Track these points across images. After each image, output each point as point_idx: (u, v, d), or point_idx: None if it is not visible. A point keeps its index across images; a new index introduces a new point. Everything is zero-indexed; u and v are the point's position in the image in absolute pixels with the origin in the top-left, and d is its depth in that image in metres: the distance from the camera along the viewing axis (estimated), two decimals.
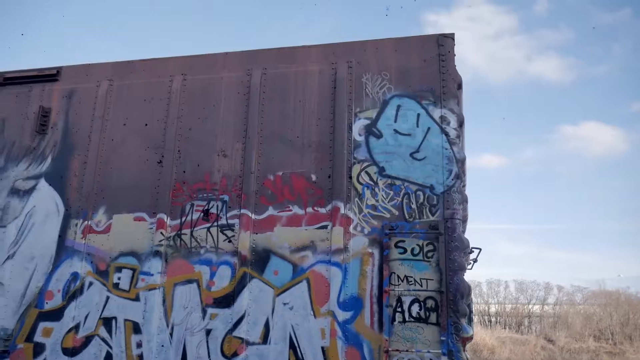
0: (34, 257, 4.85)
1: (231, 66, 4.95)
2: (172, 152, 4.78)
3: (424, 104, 4.44)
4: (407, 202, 4.25)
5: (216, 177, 4.64)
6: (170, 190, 4.68)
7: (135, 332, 4.44)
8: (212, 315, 4.33)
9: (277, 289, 4.28)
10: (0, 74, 5.53)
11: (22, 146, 5.20)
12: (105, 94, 5.14)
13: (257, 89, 4.79)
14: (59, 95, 5.29)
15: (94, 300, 4.59)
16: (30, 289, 4.77)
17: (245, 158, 4.61)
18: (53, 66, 5.40)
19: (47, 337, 4.62)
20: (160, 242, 4.56)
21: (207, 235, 4.52)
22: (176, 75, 5.03)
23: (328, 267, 4.23)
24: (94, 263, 4.69)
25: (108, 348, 4.45)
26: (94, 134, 5.03)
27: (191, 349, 4.30)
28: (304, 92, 4.71)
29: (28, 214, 4.98)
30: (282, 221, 4.41)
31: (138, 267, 4.58)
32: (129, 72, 5.20)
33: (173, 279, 4.48)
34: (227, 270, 4.40)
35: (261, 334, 4.22)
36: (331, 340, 4.09)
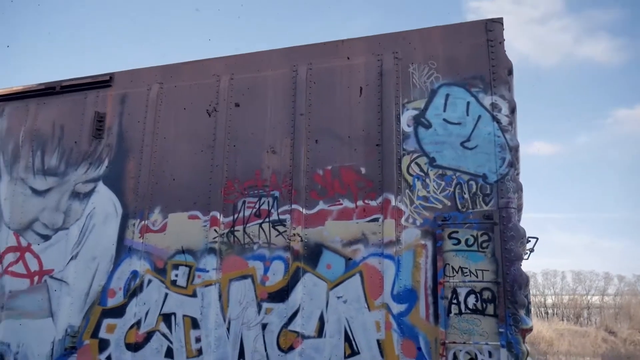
0: (96, 257, 5.04)
1: (277, 63, 4.99)
2: (222, 151, 4.86)
3: (473, 92, 4.35)
4: (460, 192, 4.18)
5: (266, 174, 4.70)
6: (222, 188, 4.76)
7: (194, 327, 4.55)
8: (267, 310, 4.39)
9: (331, 283, 4.29)
10: (57, 83, 5.77)
11: (80, 151, 5.41)
12: (156, 97, 5.28)
13: (303, 84, 4.81)
14: (113, 100, 5.47)
15: (153, 297, 4.74)
16: (93, 288, 4.97)
17: (294, 154, 4.65)
18: (106, 72, 5.59)
19: (111, 333, 4.80)
20: (214, 239, 4.66)
21: (260, 231, 4.58)
22: (223, 75, 5.11)
23: (381, 259, 4.21)
24: (152, 261, 4.83)
25: (169, 343, 4.59)
26: (147, 136, 5.18)
27: (248, 343, 4.37)
28: (350, 86, 4.70)
29: (88, 215, 5.18)
30: (333, 215, 4.42)
31: (194, 264, 4.69)
32: (177, 74, 5.32)
33: (228, 274, 4.57)
34: (280, 265, 4.45)
35: (316, 328, 4.25)
36: (386, 332, 4.07)
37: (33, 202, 5.46)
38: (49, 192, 5.41)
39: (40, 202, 5.42)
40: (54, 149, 5.53)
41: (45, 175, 5.48)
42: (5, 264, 5.39)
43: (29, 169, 5.58)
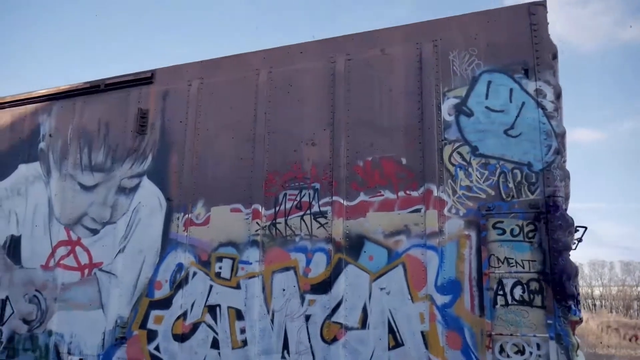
0: (142, 250, 5.17)
1: (314, 55, 4.98)
2: (262, 144, 4.90)
3: (516, 78, 4.24)
4: (504, 181, 4.10)
5: (306, 166, 4.71)
6: (263, 181, 4.80)
7: (239, 318, 4.62)
8: (311, 302, 4.41)
9: (373, 274, 4.28)
10: (101, 81, 5.92)
11: (125, 147, 5.55)
12: (197, 92, 5.35)
13: (341, 76, 4.79)
14: (155, 96, 5.58)
15: (198, 289, 4.83)
16: (140, 280, 5.10)
17: (334, 145, 4.64)
18: (148, 69, 5.70)
19: (159, 324, 4.92)
20: (256, 232, 4.71)
21: (301, 223, 4.60)
22: (262, 68, 5.14)
23: (423, 250, 4.17)
24: (196, 254, 4.92)
25: (214, 334, 4.68)
26: (189, 131, 5.26)
27: (292, 334, 4.41)
28: (389, 75, 4.65)
29: (134, 210, 5.32)
30: (374, 206, 4.40)
31: (237, 256, 4.75)
32: (217, 69, 5.38)
33: (271, 266, 4.61)
34: (322, 257, 4.47)
35: (359, 319, 4.25)
36: (431, 324, 4.04)
37: (81, 197, 5.64)
38: (97, 188, 5.57)
39: (89, 197, 5.59)
40: (100, 146, 5.69)
41: (93, 171, 5.64)
42: (57, 258, 5.59)
43: (77, 166, 5.76)
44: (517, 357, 3.82)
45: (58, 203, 5.76)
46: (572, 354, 3.68)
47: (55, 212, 5.74)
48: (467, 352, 3.96)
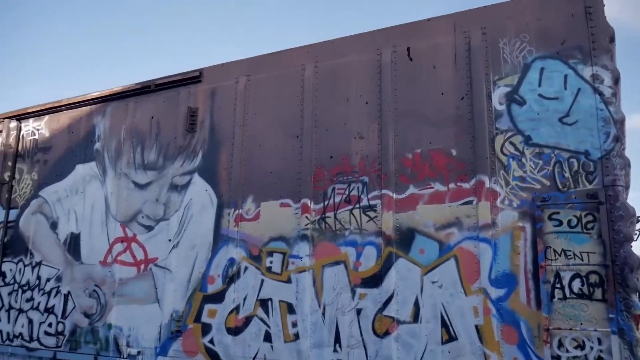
0: (195, 246, 5.29)
1: (360, 48, 4.95)
2: (310, 139, 4.91)
3: (571, 64, 4.09)
4: (559, 171, 3.96)
5: (354, 160, 4.69)
6: (311, 175, 4.82)
7: (290, 312, 4.66)
8: (361, 295, 4.41)
9: (424, 268, 4.23)
10: (152, 81, 6.07)
11: (175, 145, 5.68)
12: (244, 89, 5.42)
13: (388, 67, 4.75)
14: (203, 95, 5.68)
15: (250, 283, 4.90)
16: (194, 275, 5.22)
17: (382, 138, 4.60)
18: (196, 69, 5.81)
19: (212, 318, 5.02)
20: (306, 226, 4.74)
21: (350, 217, 4.59)
22: (307, 63, 5.14)
23: (476, 243, 4.09)
24: (247, 249, 4.99)
25: (267, 327, 4.74)
26: (237, 128, 5.33)
27: (343, 328, 4.42)
28: (437, 66, 4.57)
29: (186, 206, 5.44)
30: (424, 199, 4.34)
31: (287, 251, 4.79)
32: (263, 66, 5.42)
33: (321, 261, 4.63)
34: (372, 250, 4.45)
35: (411, 313, 4.21)
36: (485, 318, 3.96)
37: (136, 195, 5.81)
38: (150, 186, 5.73)
39: (142, 195, 5.76)
40: (152, 145, 5.84)
41: (146, 169, 5.81)
42: (114, 254, 5.78)
43: (131, 164, 5.93)
44: (576, 352, 3.70)
45: (114, 201, 5.96)
46: (636, 349, 3.54)
47: (111, 210, 5.95)
48: (523, 347, 3.87)
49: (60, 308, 6.04)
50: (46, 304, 6.18)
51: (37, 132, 6.95)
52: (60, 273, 6.16)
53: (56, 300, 6.11)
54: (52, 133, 6.80)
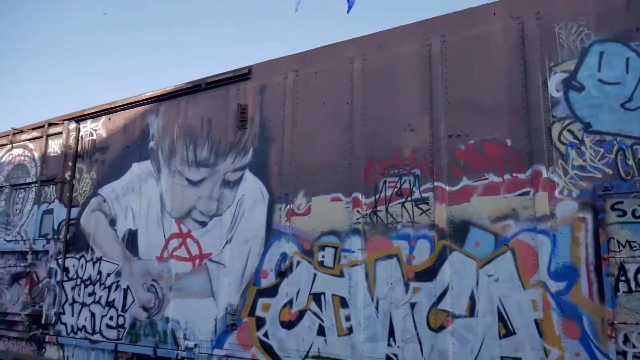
0: (248, 241, 5.36)
1: (409, 39, 4.88)
2: (359, 132, 4.89)
3: (633, 46, 3.90)
4: (622, 159, 3.79)
5: (405, 152, 4.64)
6: (362, 169, 4.80)
7: (343, 306, 4.67)
8: (415, 289, 4.36)
9: (480, 261, 4.15)
10: (202, 80, 6.18)
11: (227, 142, 5.77)
12: (293, 85, 5.44)
13: (438, 58, 4.66)
14: (252, 91, 5.75)
15: (302, 278, 4.93)
16: (247, 269, 5.30)
17: (433, 130, 4.53)
18: (245, 66, 5.88)
19: (266, 312, 5.09)
20: (357, 220, 4.72)
21: (402, 210, 4.55)
22: (356, 56, 5.12)
23: (534, 235, 3.97)
24: (299, 243, 5.02)
25: (320, 321, 4.76)
26: (287, 124, 5.37)
27: (397, 322, 4.39)
28: (489, 54, 4.46)
29: (239, 202, 5.52)
30: (478, 191, 4.25)
31: (339, 245, 4.79)
32: (311, 61, 5.43)
33: (373, 254, 4.61)
34: (425, 243, 4.39)
35: (467, 307, 4.14)
36: (544, 312, 3.85)
37: (189, 192, 5.95)
38: (203, 182, 5.85)
39: (196, 191, 5.88)
40: (204, 142, 5.96)
41: (198, 166, 5.93)
42: (170, 249, 5.94)
43: (184, 162, 6.07)
44: None
45: (169, 198, 6.12)
46: None
47: (166, 207, 6.11)
48: (586, 342, 3.73)
49: (120, 302, 6.27)
50: (107, 298, 6.42)
51: (94, 132, 7.21)
52: (119, 268, 6.38)
53: (116, 294, 6.34)
54: (109, 133, 7.04)
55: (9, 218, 7.84)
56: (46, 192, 7.43)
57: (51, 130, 7.64)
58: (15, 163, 8.09)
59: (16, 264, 7.51)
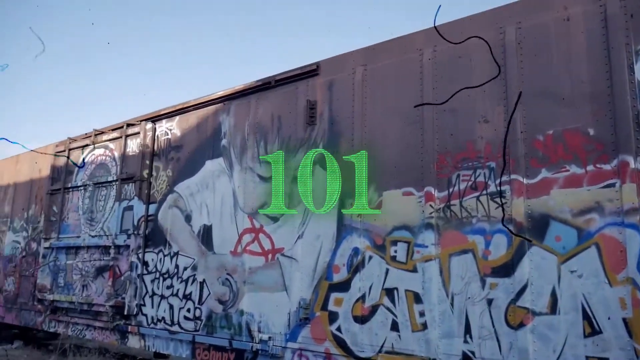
0: (319, 236, 5.41)
1: (481, 27, 4.73)
2: (431, 125, 4.80)
3: None
4: None
5: (480, 145, 4.51)
6: (434, 163, 4.72)
7: (417, 301, 4.61)
8: (492, 285, 4.24)
9: (561, 256, 3.97)
10: (271, 78, 6.28)
11: (296, 138, 5.83)
12: (361, 79, 5.42)
13: (512, 46, 4.50)
14: (321, 87, 5.77)
15: (375, 273, 4.92)
16: (319, 264, 5.35)
17: (509, 121, 4.38)
18: (313, 62, 5.91)
19: (339, 306, 5.12)
20: (430, 215, 4.65)
21: (477, 204, 4.43)
22: (425, 47, 5.03)
23: (621, 229, 3.76)
24: (371, 238, 5.01)
25: (393, 317, 4.73)
26: (356, 118, 5.36)
27: (474, 319, 4.29)
28: (568, 39, 4.24)
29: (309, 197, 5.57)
30: (558, 183, 4.07)
31: (412, 239, 4.74)
32: (379, 55, 5.38)
33: (447, 249, 4.52)
34: (502, 238, 4.26)
35: (548, 304, 3.98)
36: (634, 310, 3.63)
37: (261, 188, 6.07)
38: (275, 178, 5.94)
39: (267, 187, 5.99)
40: (274, 139, 6.05)
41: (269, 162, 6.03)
42: (243, 244, 6.09)
43: (255, 159, 6.20)
44: None
45: (241, 194, 6.26)
46: None
47: (239, 203, 6.26)
48: None
49: (197, 295, 6.49)
50: (184, 291, 6.67)
51: (169, 132, 7.49)
52: (195, 262, 6.61)
53: (193, 287, 6.58)
54: (183, 132, 7.30)
55: (93, 214, 8.30)
56: (126, 189, 7.80)
57: (129, 131, 8.01)
58: (98, 162, 8.55)
59: (100, 258, 7.94)
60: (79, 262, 8.30)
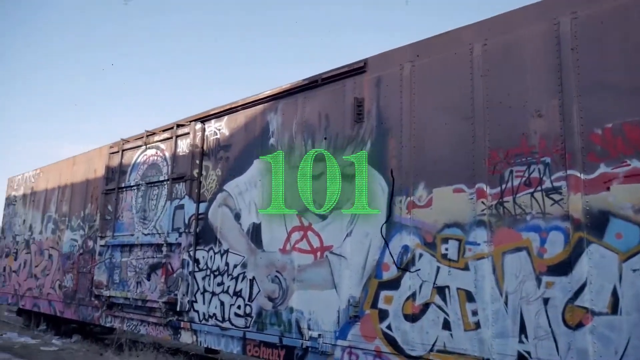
0: (368, 233, 5.39)
1: (534, 19, 4.60)
2: (482, 121, 4.71)
3: None
4: None
5: (533, 140, 4.39)
6: (485, 159, 4.62)
7: (469, 300, 4.53)
8: (548, 284, 4.12)
9: (623, 254, 3.82)
10: (318, 76, 6.30)
11: (344, 136, 5.83)
12: (409, 75, 5.37)
13: (567, 36, 4.35)
14: (369, 84, 5.75)
15: (425, 270, 4.86)
16: (368, 262, 5.33)
17: (564, 114, 4.24)
18: (360, 59, 5.89)
19: (389, 304, 5.09)
20: (482, 212, 4.56)
21: (532, 200, 4.31)
22: (475, 42, 4.93)
23: None
24: (421, 236, 4.95)
25: (445, 315, 4.67)
26: (405, 115, 5.31)
27: (529, 318, 4.18)
28: (629, 27, 4.07)
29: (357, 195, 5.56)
30: (619, 178, 3.91)
31: (463, 237, 4.66)
32: (427, 50, 5.31)
33: (501, 247, 4.42)
34: (558, 235, 4.13)
35: (609, 304, 3.83)
36: None
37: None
38: (322, 176, 5.96)
39: (315, 185, 6.01)
40: (321, 137, 6.07)
41: (317, 161, 6.05)
42: (292, 242, 6.14)
43: (302, 157, 6.22)
44: None
45: (289, 192, 6.31)
46: None
47: (287, 201, 6.30)
48: None
49: (247, 292, 6.59)
50: (234, 288, 6.78)
51: (218, 131, 7.63)
52: (245, 260, 6.71)
53: (243, 284, 6.68)
54: (231, 132, 7.42)
55: (146, 213, 8.55)
56: (177, 189, 8.00)
57: (179, 131, 8.20)
58: (149, 163, 8.80)
59: (153, 255, 8.17)
60: (133, 260, 8.57)
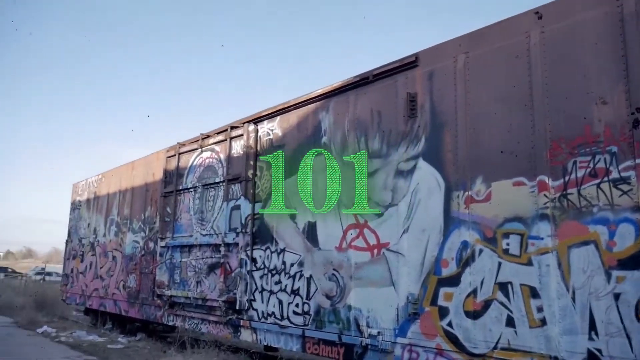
0: (425, 230, 5.31)
1: (593, 2, 4.41)
2: (542, 110, 4.55)
3: None
4: None
5: (598, 128, 4.20)
6: (547, 150, 4.46)
7: (534, 296, 4.40)
8: (619, 278, 3.94)
9: None
10: (369, 72, 6.26)
11: (397, 132, 5.77)
12: (463, 67, 5.25)
13: (632, 19, 4.14)
14: (421, 78, 5.66)
15: (486, 266, 4.75)
16: (427, 258, 5.26)
17: (632, 101, 4.04)
18: (411, 54, 5.82)
19: (449, 301, 5.00)
20: (545, 205, 4.41)
21: (598, 192, 4.13)
22: (532, 30, 4.77)
23: None
24: (480, 231, 4.84)
25: (508, 312, 4.54)
26: (459, 108, 5.20)
27: (599, 314, 4.01)
28: None
29: (413, 191, 5.50)
30: None
31: (525, 231, 4.52)
32: (481, 40, 5.19)
33: (566, 241, 4.26)
34: (629, 228, 3.94)
35: None
36: None
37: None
38: (376, 173, 5.93)
39: (370, 182, 5.98)
40: (374, 134, 6.03)
41: (371, 158, 6.02)
42: (348, 240, 6.13)
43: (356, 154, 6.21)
44: None
45: (344, 190, 6.30)
46: None
47: (342, 199, 6.31)
48: None
49: (305, 290, 6.64)
50: (292, 287, 6.85)
51: (271, 132, 7.72)
52: (301, 259, 6.76)
53: (300, 283, 6.73)
54: (284, 132, 7.48)
55: (203, 214, 8.76)
56: (232, 189, 8.15)
57: (233, 133, 8.35)
58: (205, 165, 9.00)
59: (211, 255, 8.36)
60: (192, 260, 8.80)
